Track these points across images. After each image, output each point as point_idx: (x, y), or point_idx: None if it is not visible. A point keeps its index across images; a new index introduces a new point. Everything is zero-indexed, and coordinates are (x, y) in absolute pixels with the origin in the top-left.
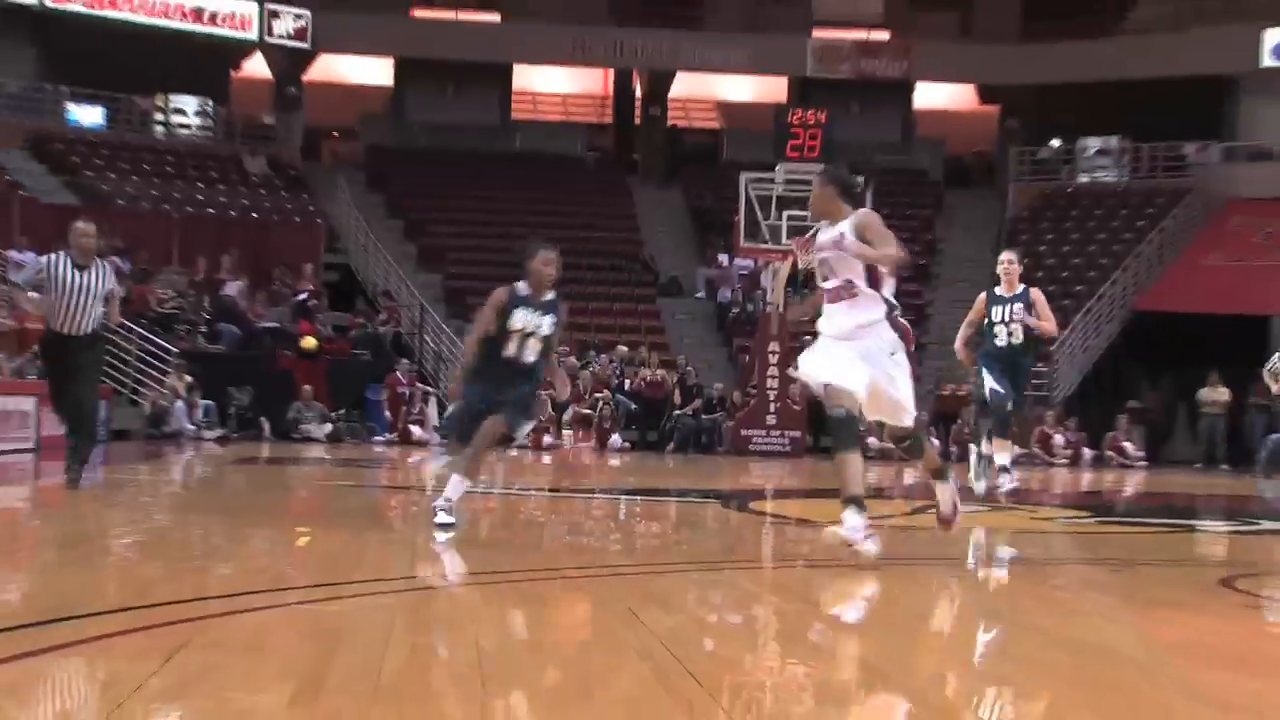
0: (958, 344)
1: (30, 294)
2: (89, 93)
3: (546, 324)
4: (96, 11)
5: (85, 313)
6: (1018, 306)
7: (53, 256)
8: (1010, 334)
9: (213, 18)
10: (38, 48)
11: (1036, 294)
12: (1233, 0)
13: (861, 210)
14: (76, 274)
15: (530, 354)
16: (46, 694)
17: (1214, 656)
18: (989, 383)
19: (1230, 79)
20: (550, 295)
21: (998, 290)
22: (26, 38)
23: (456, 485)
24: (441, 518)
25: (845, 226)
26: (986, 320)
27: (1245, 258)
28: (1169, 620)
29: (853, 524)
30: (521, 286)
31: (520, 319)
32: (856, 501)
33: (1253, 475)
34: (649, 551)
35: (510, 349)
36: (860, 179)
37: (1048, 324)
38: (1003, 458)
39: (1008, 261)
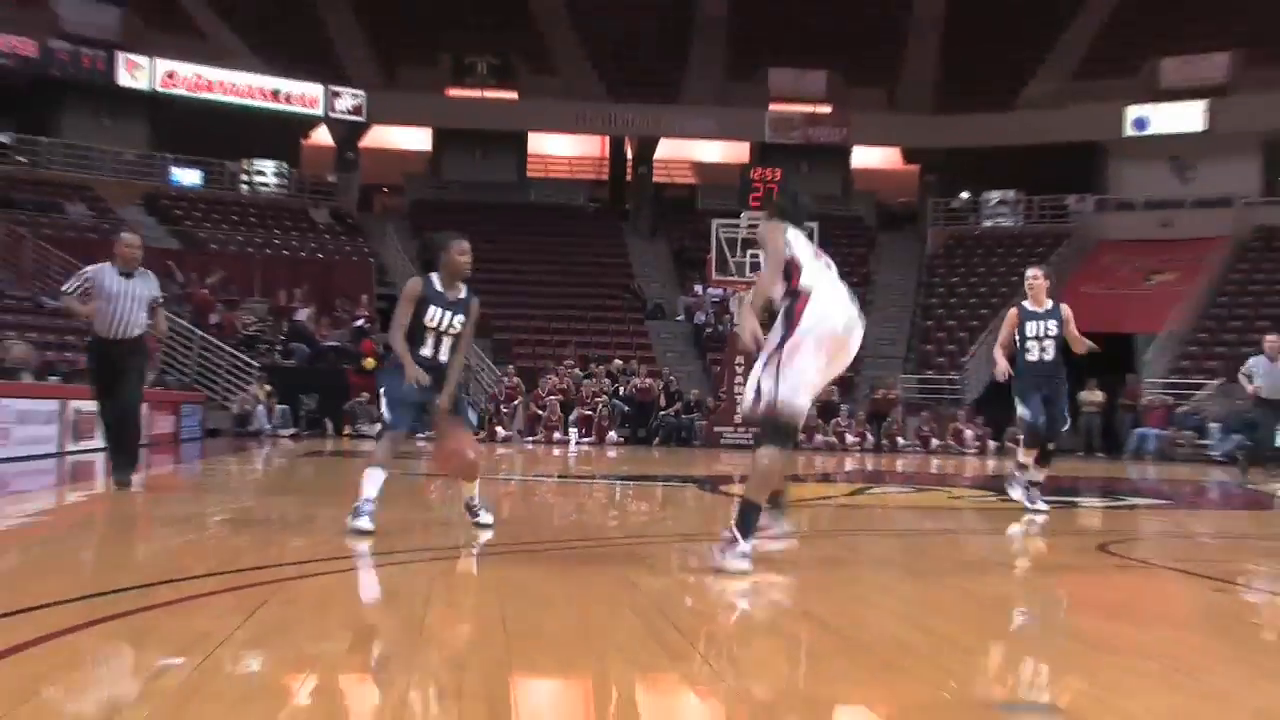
0: (996, 353)
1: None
2: (190, 159)
3: (458, 323)
4: (196, 95)
5: (130, 318)
6: (1051, 323)
7: (99, 266)
8: (1043, 350)
9: (287, 98)
10: (150, 124)
11: (1067, 310)
12: (1101, 82)
13: (772, 221)
14: (122, 282)
15: (445, 353)
16: (152, 643)
17: (1094, 607)
18: (1019, 407)
19: (1101, 145)
20: (463, 293)
21: (1028, 305)
22: (142, 116)
23: (374, 480)
24: (363, 523)
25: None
26: (1018, 336)
27: (1114, 287)
28: (1057, 578)
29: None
30: (435, 279)
31: (433, 316)
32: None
33: (1121, 461)
34: (639, 526)
35: (426, 348)
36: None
37: (1078, 342)
38: (1035, 475)
39: (1032, 277)
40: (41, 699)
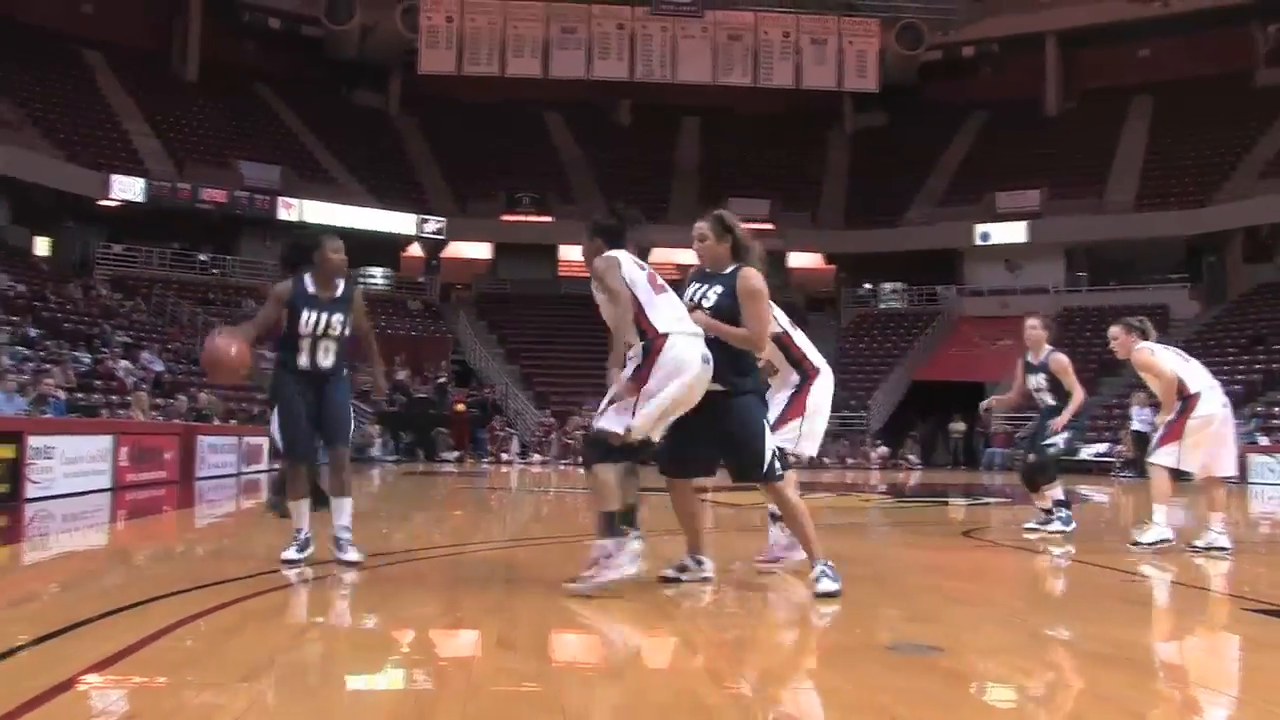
0: (988, 402)
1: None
2: None
3: (337, 322)
4: (328, 222)
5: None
6: (1041, 377)
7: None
8: (1041, 399)
9: (390, 223)
10: (280, 244)
11: (1056, 362)
12: (957, 208)
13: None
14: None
15: (327, 359)
16: (293, 609)
17: (957, 575)
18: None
19: (958, 250)
20: (340, 290)
21: (1028, 357)
22: (274, 238)
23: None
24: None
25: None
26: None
27: (970, 349)
28: (929, 553)
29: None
30: (307, 280)
31: (307, 320)
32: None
33: (978, 471)
34: (642, 522)
35: (303, 357)
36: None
37: (1071, 393)
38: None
39: (1029, 327)
40: (227, 647)
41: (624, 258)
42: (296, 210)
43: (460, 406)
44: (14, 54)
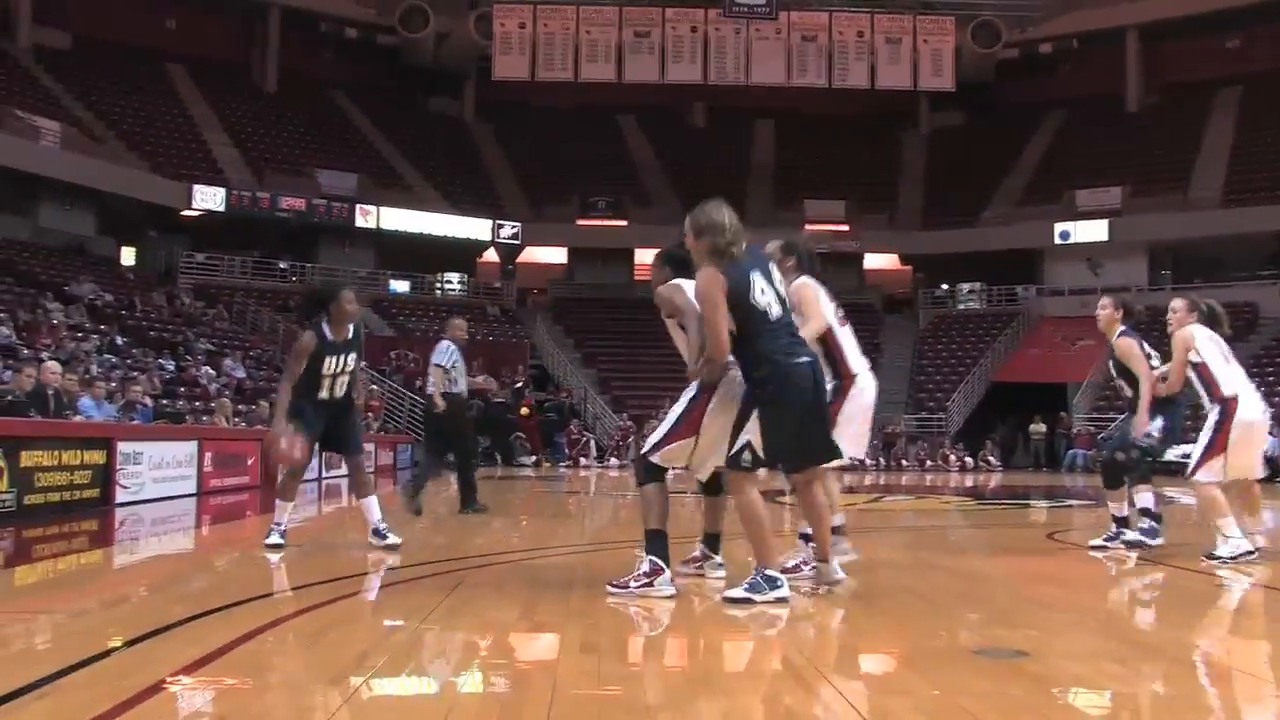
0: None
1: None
2: (401, 274)
3: (352, 360)
4: (404, 229)
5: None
6: (1110, 365)
7: (449, 346)
8: (1121, 390)
9: (466, 229)
10: (376, 251)
11: (1119, 346)
12: (1037, 207)
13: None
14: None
15: (342, 390)
16: (377, 613)
17: (1041, 579)
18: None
19: (1038, 250)
20: (350, 332)
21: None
22: (370, 245)
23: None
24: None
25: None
26: None
27: (1051, 350)
28: (1011, 556)
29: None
30: (326, 330)
31: (329, 365)
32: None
33: (1060, 474)
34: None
35: (324, 392)
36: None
37: (1142, 379)
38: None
39: (1099, 308)
40: (313, 650)
41: (689, 284)
42: (374, 217)
43: (525, 410)
44: (101, 71)
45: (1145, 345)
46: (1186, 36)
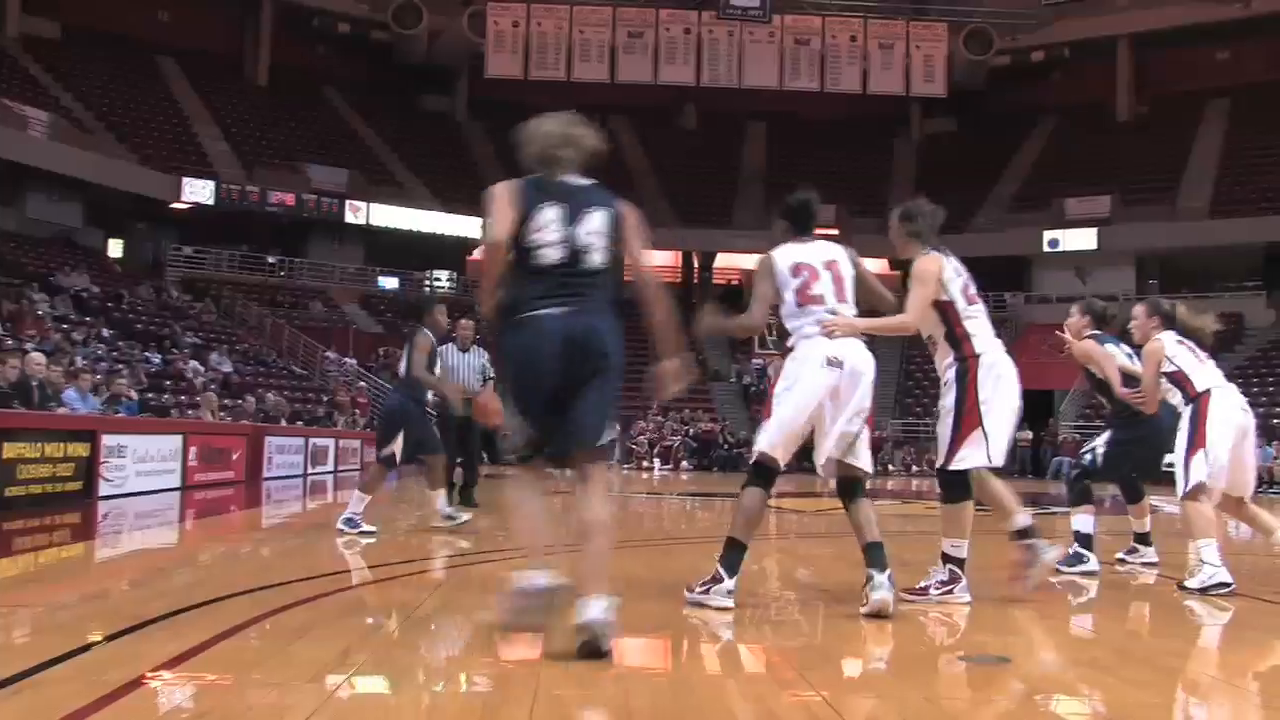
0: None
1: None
2: (390, 270)
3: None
4: (394, 226)
5: (469, 385)
6: (1082, 373)
7: (445, 345)
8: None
9: (457, 226)
10: (365, 247)
11: (1076, 349)
12: (1026, 214)
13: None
14: (460, 356)
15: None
16: (360, 610)
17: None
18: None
19: (1027, 257)
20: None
21: None
22: (360, 242)
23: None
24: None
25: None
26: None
27: (1038, 358)
28: (999, 564)
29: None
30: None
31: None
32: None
33: (1045, 481)
34: (705, 529)
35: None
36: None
37: (1106, 367)
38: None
39: (1068, 314)
40: (295, 647)
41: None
42: (363, 213)
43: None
44: (92, 62)
45: (1124, 347)
46: (1177, 48)
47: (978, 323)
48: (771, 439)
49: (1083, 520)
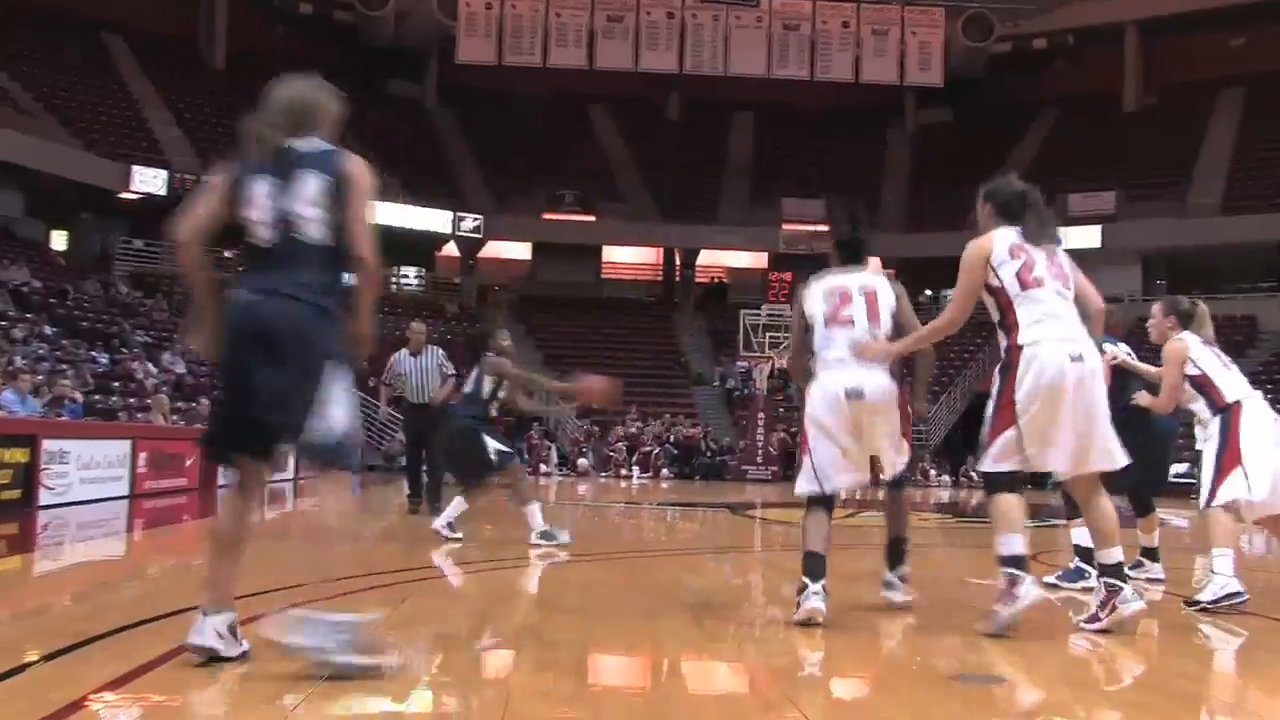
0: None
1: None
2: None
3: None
4: None
5: (426, 386)
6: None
7: (397, 353)
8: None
9: (425, 220)
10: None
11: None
12: None
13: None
14: (412, 361)
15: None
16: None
17: None
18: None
19: None
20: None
21: None
22: None
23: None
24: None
25: None
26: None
27: None
28: (993, 579)
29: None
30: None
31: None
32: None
33: (1046, 491)
34: (685, 540)
35: (493, 409)
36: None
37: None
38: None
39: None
40: (254, 663)
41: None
42: None
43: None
44: (29, 35)
45: (1124, 346)
46: (1188, 34)
47: (1032, 309)
48: (810, 484)
49: (1083, 533)
